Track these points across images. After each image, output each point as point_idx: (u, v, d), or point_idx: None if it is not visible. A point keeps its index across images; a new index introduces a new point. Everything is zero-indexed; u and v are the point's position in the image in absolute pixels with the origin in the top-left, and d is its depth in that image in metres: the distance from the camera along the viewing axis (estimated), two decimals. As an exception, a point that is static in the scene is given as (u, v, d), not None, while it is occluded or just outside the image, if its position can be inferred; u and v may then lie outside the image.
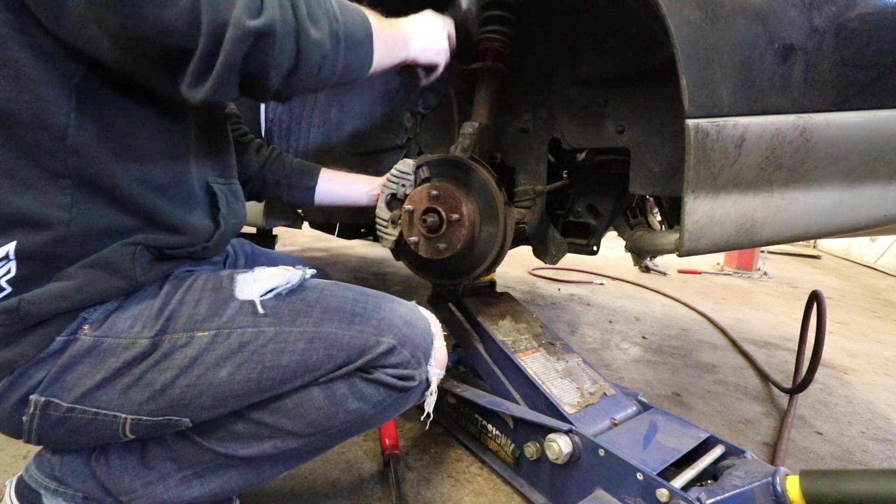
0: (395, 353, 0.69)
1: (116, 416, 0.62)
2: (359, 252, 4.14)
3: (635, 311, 2.79)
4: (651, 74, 1.06)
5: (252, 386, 0.64)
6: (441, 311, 1.29)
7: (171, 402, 0.63)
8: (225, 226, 0.76)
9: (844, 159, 0.74)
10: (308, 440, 0.70)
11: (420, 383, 0.72)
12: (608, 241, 1.65)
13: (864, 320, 3.04)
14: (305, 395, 0.67)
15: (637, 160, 1.10)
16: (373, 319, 0.70)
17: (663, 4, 0.72)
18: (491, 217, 1.08)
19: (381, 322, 0.70)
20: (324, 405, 0.68)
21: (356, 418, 0.69)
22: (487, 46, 1.12)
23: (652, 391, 1.62)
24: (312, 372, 0.66)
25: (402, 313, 0.73)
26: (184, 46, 0.51)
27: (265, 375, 0.65)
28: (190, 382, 0.62)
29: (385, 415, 0.72)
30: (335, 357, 0.67)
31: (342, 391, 0.68)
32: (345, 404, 0.68)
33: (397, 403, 0.72)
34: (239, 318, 0.65)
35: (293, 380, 0.66)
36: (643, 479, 0.78)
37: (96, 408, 0.62)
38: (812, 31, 0.69)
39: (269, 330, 0.65)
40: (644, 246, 1.23)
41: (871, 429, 1.47)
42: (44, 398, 0.60)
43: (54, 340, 0.60)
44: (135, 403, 0.62)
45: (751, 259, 4.70)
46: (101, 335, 0.61)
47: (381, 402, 0.70)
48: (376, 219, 1.13)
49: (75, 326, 0.61)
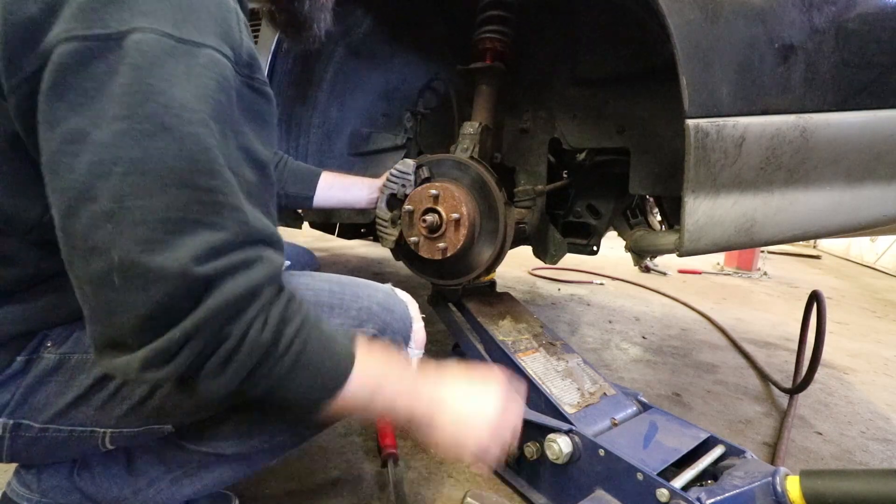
0: (377, 341, 0.69)
1: (94, 431, 0.60)
2: (359, 252, 4.14)
3: (635, 311, 2.79)
4: (651, 74, 1.06)
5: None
6: (441, 311, 1.29)
7: (150, 413, 0.60)
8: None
9: (844, 159, 0.74)
10: (295, 430, 0.70)
11: None
12: (608, 241, 1.65)
13: (864, 320, 3.04)
14: None
15: (637, 160, 1.10)
16: (351, 310, 0.69)
17: (663, 4, 0.72)
18: (491, 217, 1.08)
19: (360, 312, 0.69)
20: None
21: None
22: (487, 46, 1.12)
23: (652, 391, 1.62)
24: None
25: (380, 300, 0.72)
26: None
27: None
28: (169, 390, 0.58)
29: None
30: None
31: None
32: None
33: None
34: None
35: None
36: (643, 479, 0.78)
37: (71, 426, 0.59)
38: (812, 31, 0.69)
39: None
40: (644, 246, 1.23)
41: (871, 429, 1.47)
42: (12, 421, 0.57)
43: (15, 360, 0.56)
44: (112, 418, 0.59)
45: (751, 259, 4.70)
46: (67, 352, 0.58)
47: None
48: (376, 219, 1.13)
49: (35, 344, 0.58)
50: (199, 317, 0.43)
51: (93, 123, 0.41)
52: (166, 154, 0.42)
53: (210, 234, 0.44)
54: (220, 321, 0.44)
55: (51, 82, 0.42)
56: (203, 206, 0.44)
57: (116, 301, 0.42)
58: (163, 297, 0.42)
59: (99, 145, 0.41)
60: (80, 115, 0.42)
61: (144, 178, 0.42)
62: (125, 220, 0.41)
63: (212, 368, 0.45)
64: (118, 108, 0.42)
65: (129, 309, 0.42)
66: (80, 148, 0.41)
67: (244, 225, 0.47)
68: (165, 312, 0.43)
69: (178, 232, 0.42)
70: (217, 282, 0.44)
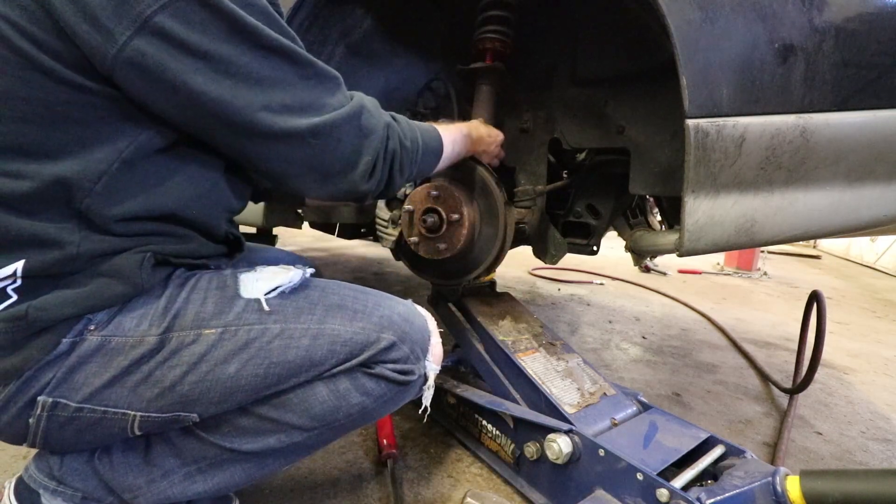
0: (396, 349, 0.71)
1: (126, 414, 0.63)
2: (359, 252, 4.14)
3: (635, 311, 2.79)
4: (651, 74, 1.06)
5: (259, 381, 0.66)
6: (441, 311, 1.29)
7: (179, 399, 0.64)
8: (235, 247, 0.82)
9: (844, 159, 0.74)
10: (312, 433, 0.71)
11: (419, 377, 0.75)
12: (608, 241, 1.65)
13: (864, 320, 3.04)
14: (310, 390, 0.69)
15: (637, 160, 1.10)
16: (373, 316, 0.72)
17: (663, 4, 0.72)
18: (491, 217, 1.08)
19: (381, 319, 0.72)
20: (328, 399, 0.69)
21: (358, 412, 0.71)
22: (487, 46, 1.12)
23: (652, 391, 1.62)
24: (317, 367, 0.68)
25: (401, 311, 0.75)
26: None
27: (271, 371, 0.66)
28: (198, 379, 0.63)
29: (385, 408, 0.75)
30: (338, 353, 0.69)
31: (345, 386, 0.70)
32: (348, 398, 0.70)
33: (397, 397, 0.74)
34: (245, 316, 0.67)
35: (298, 375, 0.68)
36: (643, 479, 0.78)
37: (105, 406, 0.62)
38: (812, 31, 0.69)
39: (274, 327, 0.67)
40: (644, 246, 1.23)
41: (871, 429, 1.47)
42: (52, 399, 0.60)
43: (61, 343, 0.60)
44: (144, 400, 0.63)
45: (751, 259, 4.70)
46: (108, 335, 0.62)
47: (382, 395, 0.72)
48: (376, 219, 1.13)
49: (80, 328, 0.61)
50: (373, 146, 0.71)
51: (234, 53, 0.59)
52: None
53: (338, 96, 0.70)
54: (383, 144, 0.73)
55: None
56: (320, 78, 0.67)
57: (322, 155, 0.67)
58: (348, 143, 0.68)
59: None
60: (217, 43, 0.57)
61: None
62: (294, 109, 0.63)
63: (397, 170, 0.77)
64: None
65: (334, 157, 0.68)
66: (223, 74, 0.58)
67: (340, 82, 0.72)
68: (354, 152, 0.70)
69: (322, 103, 0.66)
70: (365, 126, 0.71)
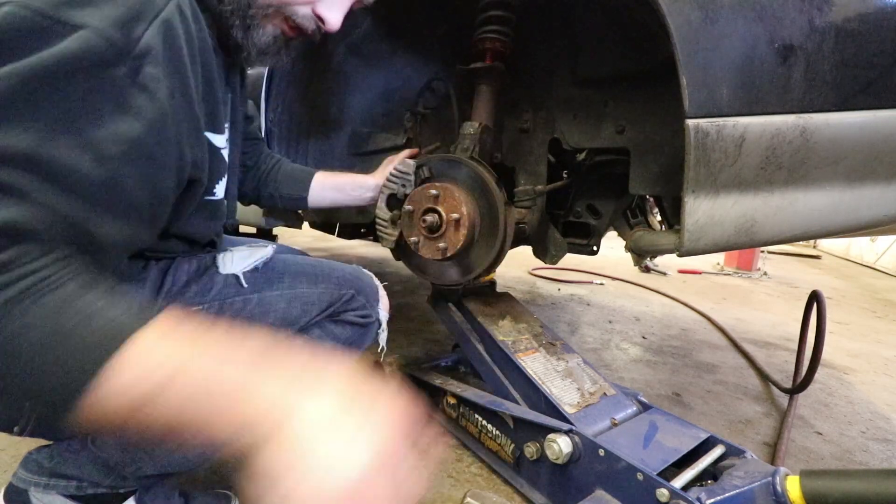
0: (355, 300, 0.88)
1: None
2: (359, 252, 4.14)
3: (635, 311, 2.79)
4: (651, 74, 1.06)
5: None
6: (441, 311, 1.29)
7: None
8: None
9: (844, 159, 0.74)
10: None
11: (375, 321, 0.93)
12: (608, 241, 1.65)
13: (864, 320, 3.04)
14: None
15: (637, 160, 1.10)
16: (332, 278, 0.88)
17: (663, 4, 0.72)
18: (491, 217, 1.08)
19: (339, 279, 0.88)
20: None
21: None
22: (487, 46, 1.12)
23: (652, 391, 1.62)
24: (294, 325, 0.81)
25: (352, 271, 0.93)
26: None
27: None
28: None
29: (352, 350, 0.91)
30: (310, 311, 0.83)
31: (317, 334, 0.85)
32: (322, 344, 0.85)
33: (360, 338, 0.92)
34: (226, 291, 0.76)
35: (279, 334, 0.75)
36: (643, 479, 0.78)
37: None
38: (812, 31, 0.69)
39: (253, 296, 0.78)
40: (644, 246, 1.23)
41: (871, 429, 1.47)
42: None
43: None
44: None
45: (751, 259, 4.70)
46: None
47: (349, 338, 0.89)
48: (376, 219, 1.13)
49: None
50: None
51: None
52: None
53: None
54: None
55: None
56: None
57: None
58: None
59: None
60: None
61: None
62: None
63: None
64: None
65: None
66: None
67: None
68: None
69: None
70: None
